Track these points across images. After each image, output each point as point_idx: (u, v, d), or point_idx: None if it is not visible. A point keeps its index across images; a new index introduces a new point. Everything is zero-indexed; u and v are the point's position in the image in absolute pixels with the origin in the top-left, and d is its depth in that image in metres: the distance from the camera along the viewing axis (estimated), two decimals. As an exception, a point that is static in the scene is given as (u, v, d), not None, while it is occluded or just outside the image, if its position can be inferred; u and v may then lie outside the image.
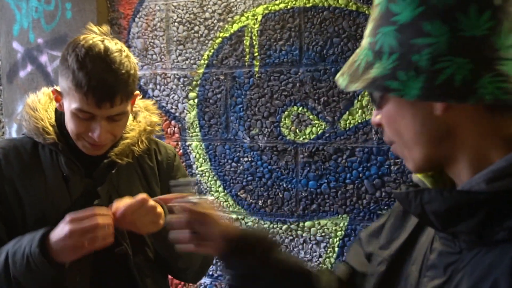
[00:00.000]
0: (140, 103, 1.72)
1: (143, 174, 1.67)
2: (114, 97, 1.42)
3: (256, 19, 2.45)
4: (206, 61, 2.58)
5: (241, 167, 2.54)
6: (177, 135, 2.68)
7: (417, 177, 0.89)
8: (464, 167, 0.80)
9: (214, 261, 2.59)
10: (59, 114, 1.59)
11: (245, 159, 2.53)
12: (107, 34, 1.51)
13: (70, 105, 1.46)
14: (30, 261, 1.38)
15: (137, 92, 1.57)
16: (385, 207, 2.27)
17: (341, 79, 0.84)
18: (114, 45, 1.47)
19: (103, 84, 1.40)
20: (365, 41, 0.84)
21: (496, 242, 0.74)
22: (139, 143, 1.64)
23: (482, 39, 0.73)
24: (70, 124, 1.50)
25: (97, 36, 1.48)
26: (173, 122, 2.68)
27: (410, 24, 0.76)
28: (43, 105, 1.60)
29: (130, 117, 1.68)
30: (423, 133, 0.80)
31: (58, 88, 1.53)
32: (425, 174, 0.88)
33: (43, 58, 2.92)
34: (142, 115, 1.69)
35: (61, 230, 1.37)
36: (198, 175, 2.64)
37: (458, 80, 0.72)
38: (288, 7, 2.39)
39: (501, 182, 0.74)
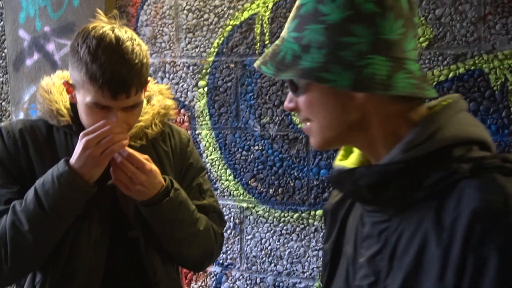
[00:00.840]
0: (154, 87, 1.72)
1: (157, 157, 1.66)
2: (129, 89, 1.42)
3: (267, 6, 2.43)
4: (216, 49, 2.56)
5: (252, 155, 2.53)
6: (186, 123, 2.66)
7: (338, 165, 1.01)
8: (380, 145, 0.94)
9: (224, 250, 2.60)
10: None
11: (256, 147, 2.52)
12: (115, 22, 1.49)
13: (84, 98, 1.45)
14: (61, 182, 1.42)
15: (149, 78, 1.56)
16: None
17: (264, 68, 0.96)
18: (125, 33, 1.45)
19: (118, 76, 1.39)
20: (287, 35, 0.95)
21: (418, 202, 0.88)
22: (153, 126, 1.63)
23: (396, 42, 0.89)
24: (84, 117, 1.49)
25: (106, 24, 1.46)
26: (182, 111, 2.67)
27: (338, 24, 0.89)
28: (58, 88, 1.59)
29: (144, 101, 1.66)
30: (343, 117, 0.93)
31: (69, 80, 1.51)
32: (346, 161, 1.01)
33: (50, 46, 2.90)
34: (156, 99, 1.68)
35: (77, 147, 1.43)
36: (208, 164, 2.63)
37: (380, 75, 0.87)
38: (300, -6, 2.37)
39: (413, 150, 0.88)
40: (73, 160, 1.44)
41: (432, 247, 0.85)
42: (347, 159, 1.03)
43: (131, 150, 1.47)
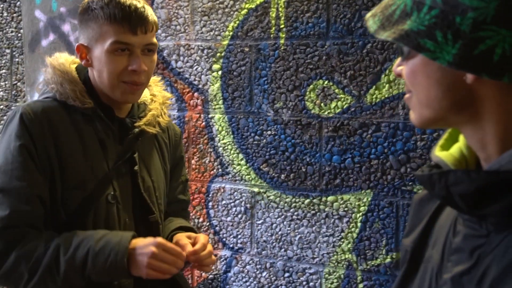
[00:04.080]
0: None
1: (159, 147, 1.71)
2: (147, 22, 1.49)
3: (283, -10, 2.42)
4: (231, 33, 2.55)
5: (264, 140, 2.52)
6: (199, 107, 2.66)
7: (437, 156, 0.84)
8: (493, 143, 0.75)
9: (234, 234, 2.60)
10: (83, 80, 1.57)
11: (269, 132, 2.51)
12: None
13: (103, 46, 1.48)
14: (112, 268, 1.41)
15: None
16: (410, 183, 2.25)
17: (371, 21, 0.79)
18: None
19: (135, 10, 1.47)
20: None
21: None
22: (163, 115, 1.68)
23: None
24: (108, 66, 1.50)
25: None
26: (196, 94, 2.67)
27: None
28: (71, 71, 1.58)
29: (146, 90, 1.69)
30: (446, 98, 0.75)
31: (84, 43, 1.53)
32: (446, 153, 0.83)
33: (66, 27, 2.91)
34: (156, 89, 1.73)
35: (145, 247, 1.42)
36: (221, 148, 2.63)
37: (498, 54, 0.67)
38: (316, -22, 2.35)
39: None
40: (137, 250, 1.42)
41: None
42: (449, 149, 0.84)
43: (188, 247, 1.51)
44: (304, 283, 2.48)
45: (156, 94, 1.70)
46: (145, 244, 1.42)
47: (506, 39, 0.67)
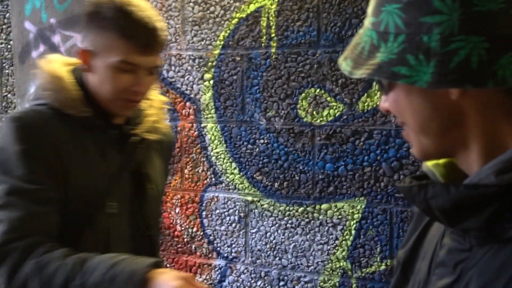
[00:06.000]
0: None
1: (159, 154, 1.66)
2: (159, 44, 1.44)
3: (273, -1, 2.42)
4: (222, 42, 2.55)
5: (257, 149, 2.52)
6: (192, 116, 2.66)
7: (427, 166, 0.81)
8: (476, 157, 0.73)
9: (229, 243, 2.60)
10: (81, 85, 1.48)
11: (261, 141, 2.51)
12: None
13: (108, 59, 1.41)
14: None
15: None
16: (403, 190, 2.26)
17: (344, 64, 0.77)
18: None
19: (147, 30, 1.40)
20: (367, 21, 0.77)
21: (508, 239, 0.69)
22: (162, 120, 1.63)
23: (498, 14, 0.65)
24: (109, 81, 1.43)
25: None
26: (188, 104, 2.66)
27: (417, 0, 0.69)
28: (65, 76, 1.49)
29: None
30: (433, 120, 0.73)
31: (89, 48, 1.44)
32: (436, 163, 0.80)
33: (56, 38, 2.90)
34: (152, 93, 1.64)
35: (167, 280, 1.25)
36: (214, 157, 2.63)
37: (475, 62, 0.65)
38: (306, -13, 2.35)
39: (510, 174, 0.67)
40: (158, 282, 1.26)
41: None
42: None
43: None
44: (299, 291, 2.48)
45: (153, 99, 1.63)
46: (167, 278, 1.26)
47: (478, 45, 0.66)
